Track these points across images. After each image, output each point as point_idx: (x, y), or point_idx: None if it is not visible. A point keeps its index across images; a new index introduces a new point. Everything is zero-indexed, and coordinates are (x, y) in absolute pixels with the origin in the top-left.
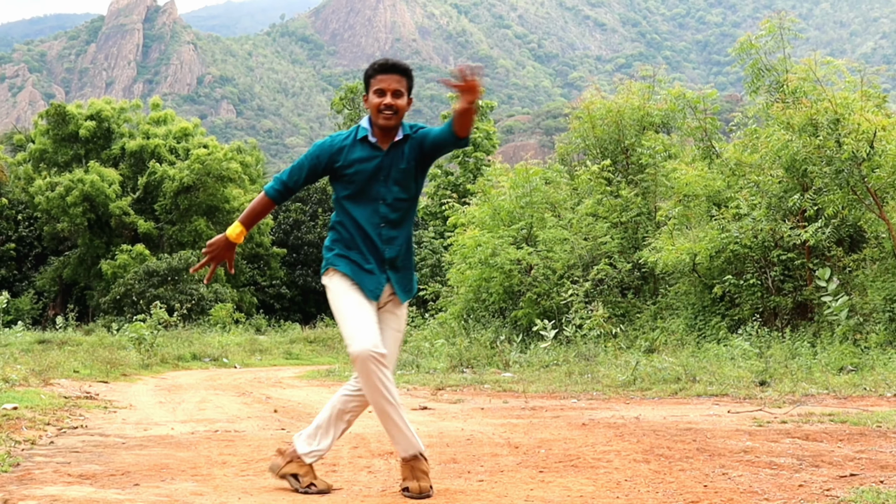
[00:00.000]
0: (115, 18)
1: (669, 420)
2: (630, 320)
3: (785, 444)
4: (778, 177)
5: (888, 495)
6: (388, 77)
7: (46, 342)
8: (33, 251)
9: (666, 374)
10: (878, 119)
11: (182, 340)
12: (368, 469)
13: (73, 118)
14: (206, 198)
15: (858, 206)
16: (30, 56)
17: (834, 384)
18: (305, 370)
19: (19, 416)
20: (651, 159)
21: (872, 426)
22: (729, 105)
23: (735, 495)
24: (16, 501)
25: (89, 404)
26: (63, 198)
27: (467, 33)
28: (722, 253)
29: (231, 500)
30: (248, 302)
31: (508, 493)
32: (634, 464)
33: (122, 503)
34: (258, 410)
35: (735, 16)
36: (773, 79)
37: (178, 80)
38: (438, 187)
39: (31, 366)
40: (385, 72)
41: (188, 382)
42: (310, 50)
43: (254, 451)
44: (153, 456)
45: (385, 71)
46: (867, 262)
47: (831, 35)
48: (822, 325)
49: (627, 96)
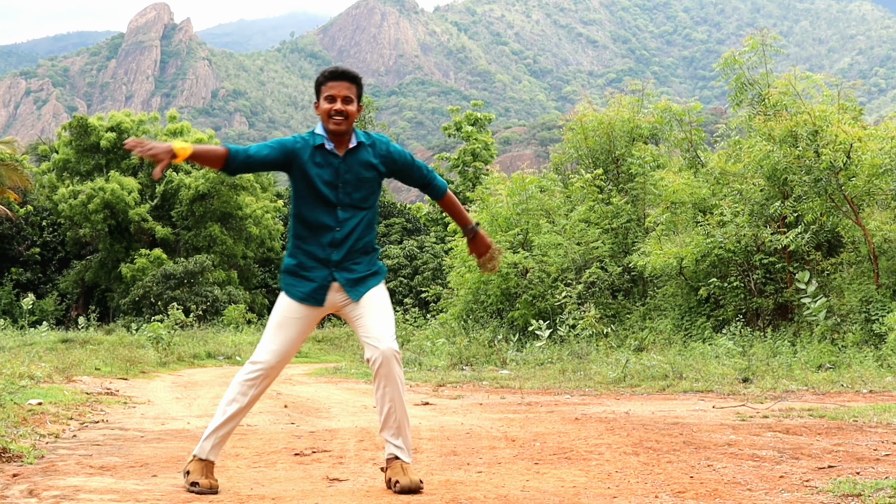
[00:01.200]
0: (135, 36)
1: (657, 415)
2: (620, 321)
3: (766, 437)
4: (760, 185)
5: (864, 486)
6: (339, 84)
7: (69, 341)
8: (57, 255)
9: (654, 372)
10: (855, 131)
11: (197, 340)
12: (374, 461)
13: (95, 130)
14: (219, 205)
15: (836, 213)
16: (54, 71)
17: (813, 381)
18: (314, 368)
19: (44, 411)
20: (640, 169)
21: (849, 421)
22: (713, 117)
23: (719, 486)
24: (40, 492)
25: (110, 400)
26: (85, 205)
27: (467, 49)
28: (707, 257)
29: (243, 489)
30: (259, 303)
31: (506, 484)
32: (624, 456)
33: (140, 493)
34: (269, 406)
35: (719, 33)
36: (756, 92)
37: (193, 94)
38: None
39: (55, 363)
40: (335, 79)
41: (203, 379)
42: (318, 65)
43: (265, 444)
44: (170, 449)
45: (335, 78)
46: (844, 265)
47: (810, 51)
48: (802, 325)
49: (618, 109)
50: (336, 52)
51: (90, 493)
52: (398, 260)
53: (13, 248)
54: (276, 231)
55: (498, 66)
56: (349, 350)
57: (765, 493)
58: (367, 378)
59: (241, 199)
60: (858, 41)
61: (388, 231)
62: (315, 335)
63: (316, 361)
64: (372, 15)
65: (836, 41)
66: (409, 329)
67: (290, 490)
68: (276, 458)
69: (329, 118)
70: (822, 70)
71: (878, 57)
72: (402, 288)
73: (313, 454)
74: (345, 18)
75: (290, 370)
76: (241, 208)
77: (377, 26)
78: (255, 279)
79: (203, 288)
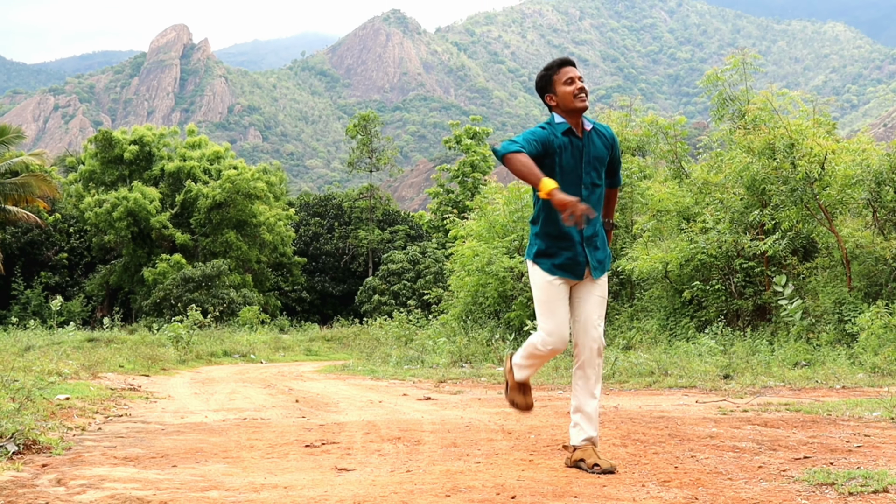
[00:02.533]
0: (156, 55)
1: (644, 409)
2: (609, 321)
3: (746, 430)
4: (740, 194)
5: (837, 475)
6: (572, 69)
7: (95, 340)
8: (83, 260)
9: (641, 369)
10: (828, 144)
11: (214, 339)
12: (379, 452)
13: (119, 143)
14: (235, 213)
15: (811, 221)
16: (80, 88)
17: (789, 377)
18: (323, 365)
19: (71, 406)
20: (628, 179)
21: (823, 414)
22: (697, 131)
23: (702, 475)
24: (68, 480)
25: (132, 395)
26: (109, 213)
27: (466, 68)
28: (690, 262)
29: (257, 479)
30: (272, 305)
31: (503, 474)
32: (614, 447)
33: (161, 482)
34: (281, 400)
35: (702, 52)
36: (736, 108)
37: (210, 109)
38: (440, 204)
39: (82, 361)
40: (567, 65)
41: (220, 376)
42: (327, 83)
43: (278, 436)
44: (189, 441)
45: (567, 64)
46: (819, 269)
47: (787, 69)
48: (779, 326)
49: (607, 123)
50: (344, 70)
51: (114, 482)
52: (402, 264)
53: (43, 254)
54: (288, 237)
55: (495, 83)
56: (356, 349)
57: (744, 482)
58: (372, 375)
59: (256, 208)
60: (832, 60)
61: (392, 237)
62: (324, 335)
63: (325, 359)
64: (378, 35)
65: (811, 60)
66: (413, 329)
67: (301, 479)
68: (288, 450)
69: (575, 97)
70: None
71: (850, 75)
72: (406, 290)
73: (322, 446)
74: (352, 39)
75: (301, 367)
76: (255, 216)
77: (382, 46)
78: (268, 282)
79: (220, 290)
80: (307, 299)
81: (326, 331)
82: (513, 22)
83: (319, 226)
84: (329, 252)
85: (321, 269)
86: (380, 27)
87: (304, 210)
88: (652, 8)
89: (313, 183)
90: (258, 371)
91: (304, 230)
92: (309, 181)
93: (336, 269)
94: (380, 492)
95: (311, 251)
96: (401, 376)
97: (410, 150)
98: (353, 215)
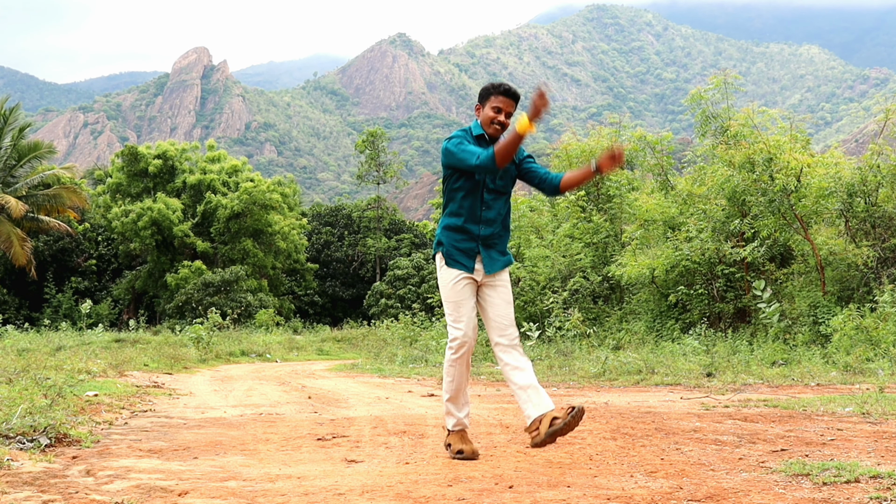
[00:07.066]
0: (178, 75)
1: (633, 405)
2: (600, 323)
3: (727, 424)
4: (721, 205)
5: (812, 466)
6: (505, 101)
7: (122, 341)
8: (111, 266)
9: (630, 367)
10: (804, 158)
11: (233, 339)
12: (386, 445)
13: (144, 157)
14: (252, 222)
15: (788, 230)
16: (108, 106)
17: (768, 375)
18: (334, 364)
19: (99, 402)
20: (617, 191)
21: (799, 410)
22: (681, 146)
23: (686, 466)
24: (97, 471)
25: (156, 392)
26: (135, 222)
27: (467, 87)
28: (675, 268)
29: (273, 470)
30: (287, 308)
31: (501, 465)
32: (604, 441)
33: (183, 473)
34: (295, 397)
35: (686, 73)
36: (718, 125)
37: (229, 126)
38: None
39: (109, 360)
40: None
41: (238, 374)
42: (338, 101)
43: (291, 430)
44: (209, 434)
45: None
46: (795, 275)
47: (766, 89)
48: (758, 327)
49: (598, 139)
50: (353, 89)
51: (140, 473)
52: (407, 270)
53: (73, 260)
54: (301, 245)
55: None
56: (364, 349)
57: (726, 473)
58: (379, 373)
59: (271, 218)
60: (807, 80)
61: (398, 245)
62: (335, 336)
63: (336, 358)
64: (384, 57)
65: (787, 80)
66: (417, 330)
67: (314, 470)
68: (301, 443)
69: (490, 124)
70: (775, 105)
71: (824, 94)
72: (411, 294)
73: (333, 439)
74: (361, 60)
75: (313, 366)
76: (270, 225)
77: (389, 67)
78: (282, 287)
79: (238, 294)
80: (319, 303)
81: (337, 332)
82: (510, 45)
83: (330, 234)
84: (339, 259)
85: (332, 274)
86: (387, 49)
87: (316, 220)
88: (640, 31)
89: (325, 194)
90: (273, 369)
91: (316, 238)
92: (321, 193)
93: (346, 275)
94: (387, 481)
95: (323, 258)
96: (406, 374)
97: (415, 163)
98: (361, 224)
